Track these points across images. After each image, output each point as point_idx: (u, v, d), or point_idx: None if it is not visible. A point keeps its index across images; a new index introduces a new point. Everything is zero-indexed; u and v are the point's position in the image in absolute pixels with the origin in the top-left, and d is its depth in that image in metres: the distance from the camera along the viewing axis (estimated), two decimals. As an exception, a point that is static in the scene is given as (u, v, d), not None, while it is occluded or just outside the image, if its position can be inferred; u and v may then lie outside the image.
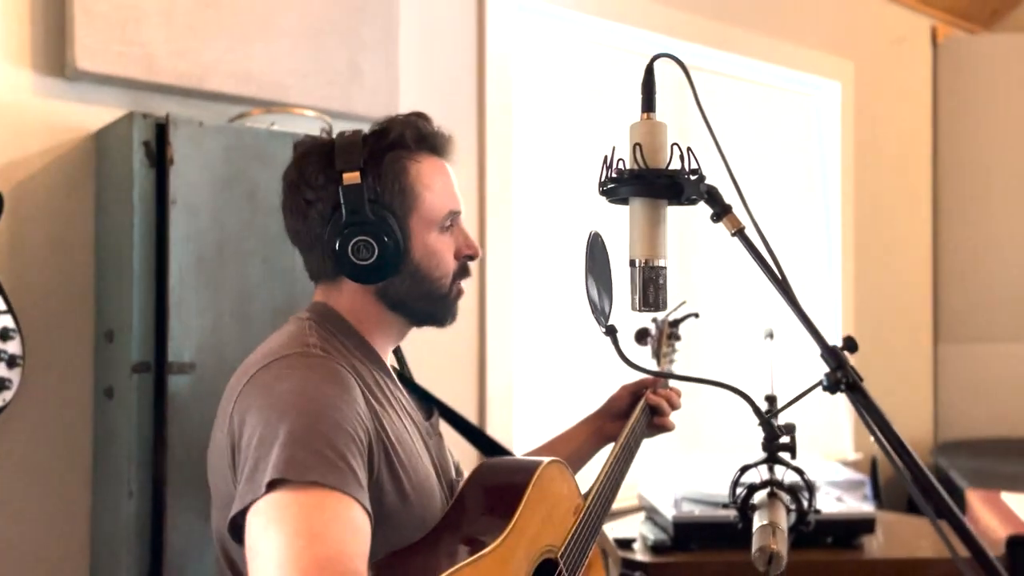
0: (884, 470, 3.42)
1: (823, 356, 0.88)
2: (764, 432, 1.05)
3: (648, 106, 0.99)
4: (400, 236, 1.12)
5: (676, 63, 0.98)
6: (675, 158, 0.97)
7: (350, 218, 1.10)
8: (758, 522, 1.12)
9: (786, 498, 1.19)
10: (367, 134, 1.16)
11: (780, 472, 1.19)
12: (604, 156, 0.97)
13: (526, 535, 1.08)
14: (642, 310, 0.96)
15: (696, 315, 1.69)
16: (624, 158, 0.97)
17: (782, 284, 0.92)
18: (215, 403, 1.13)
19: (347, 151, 1.12)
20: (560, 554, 1.15)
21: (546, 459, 1.19)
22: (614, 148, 0.97)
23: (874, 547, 2.03)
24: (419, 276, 1.16)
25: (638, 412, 1.46)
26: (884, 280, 3.63)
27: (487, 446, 1.49)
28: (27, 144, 1.62)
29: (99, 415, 1.66)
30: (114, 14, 1.63)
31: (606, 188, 0.98)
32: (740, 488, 1.20)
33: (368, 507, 0.95)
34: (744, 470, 1.20)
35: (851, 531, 2.01)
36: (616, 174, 0.96)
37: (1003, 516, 2.44)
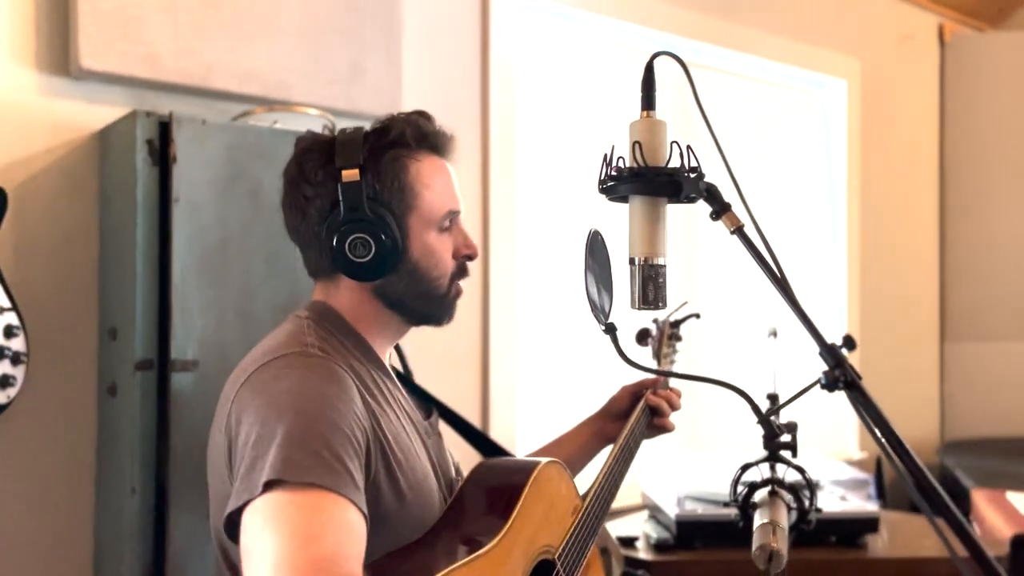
0: (889, 469, 3.41)
1: (821, 354, 0.88)
2: (763, 430, 1.05)
3: (648, 104, 0.99)
4: (398, 234, 1.12)
5: (676, 61, 0.98)
6: (675, 156, 0.97)
7: (348, 215, 1.10)
8: (759, 520, 1.12)
9: (787, 496, 1.19)
10: (368, 132, 1.15)
11: (782, 471, 1.19)
12: (604, 154, 0.97)
13: (523, 535, 1.08)
14: (641, 308, 0.96)
15: (697, 316, 1.68)
16: (624, 156, 0.97)
17: (781, 282, 0.92)
18: (218, 401, 1.13)
19: (347, 148, 1.12)
20: (558, 554, 1.15)
21: (544, 460, 1.19)
22: (613, 146, 0.97)
23: (878, 546, 2.03)
24: (417, 275, 1.15)
25: (638, 413, 1.46)
26: (890, 278, 3.62)
27: (486, 446, 1.49)
28: (32, 142, 1.63)
29: (102, 412, 1.66)
30: (118, 13, 1.64)
31: (606, 186, 0.98)
32: (741, 486, 1.20)
33: (364, 509, 0.94)
34: (745, 468, 1.20)
35: (854, 530, 2.00)
36: (615, 172, 0.96)
37: (1008, 516, 2.43)
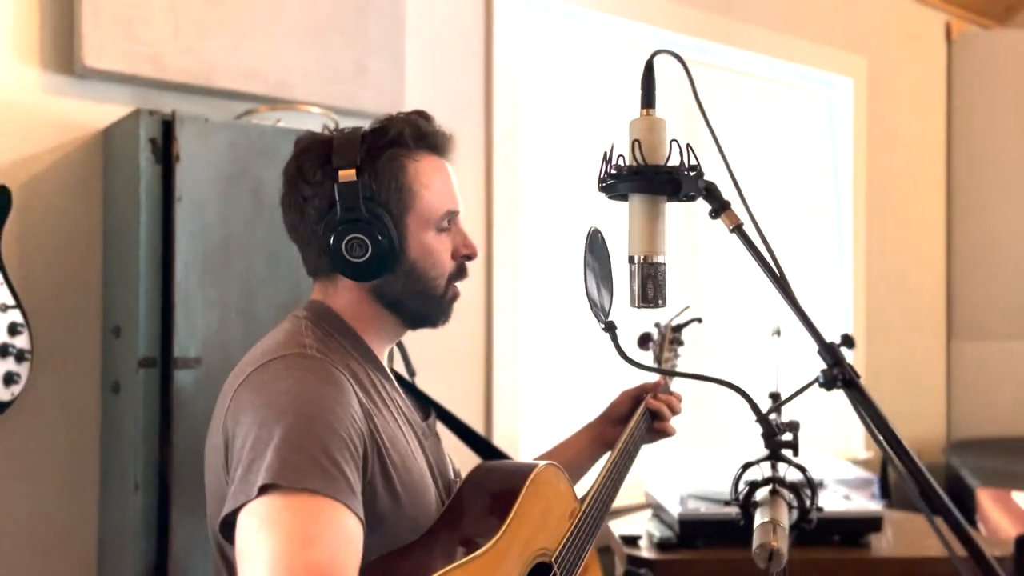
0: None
1: (820, 353, 0.88)
2: (762, 429, 1.04)
3: (648, 102, 0.99)
4: (395, 234, 1.12)
5: (675, 59, 0.98)
6: (674, 154, 0.96)
7: (345, 215, 1.10)
8: (759, 519, 1.12)
9: (788, 495, 1.18)
10: (366, 131, 1.15)
11: (784, 469, 1.19)
12: (604, 152, 0.97)
13: (519, 538, 1.07)
14: (640, 306, 0.96)
15: (699, 320, 1.68)
16: (624, 154, 0.96)
17: (779, 280, 0.92)
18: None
19: (345, 148, 1.11)
20: (554, 557, 1.15)
21: (542, 463, 1.18)
22: (613, 145, 0.97)
23: (882, 546, 2.02)
24: (414, 275, 1.15)
25: (637, 416, 1.46)
26: (897, 277, 3.60)
27: (484, 449, 1.49)
28: (36, 141, 1.64)
29: (106, 410, 1.67)
30: (122, 12, 1.64)
31: (605, 184, 0.97)
32: (743, 485, 1.19)
33: (360, 514, 0.94)
34: (746, 467, 1.20)
35: (858, 529, 2.00)
36: (615, 170, 0.96)
37: (1013, 515, 2.42)
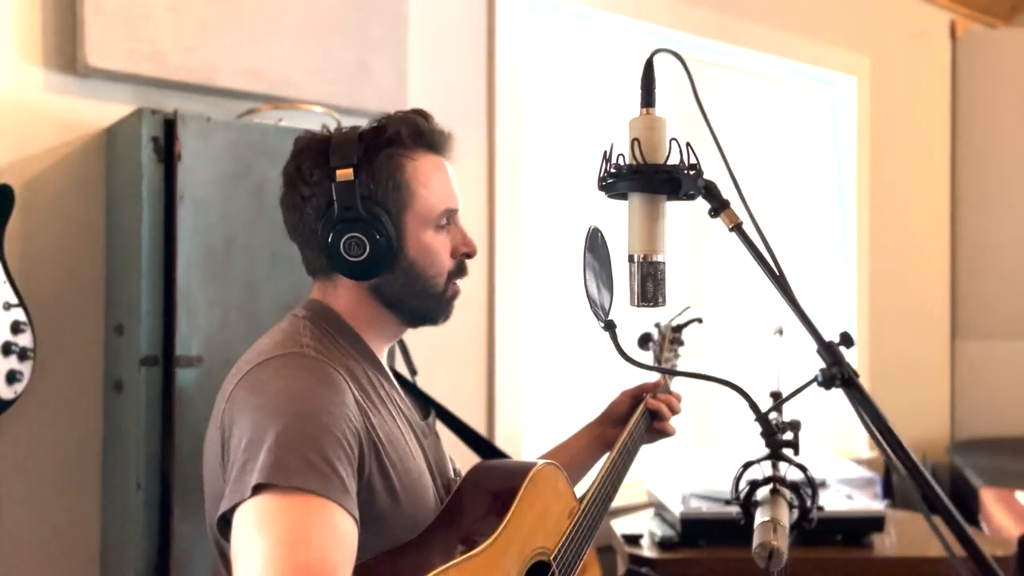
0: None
1: (819, 351, 0.87)
2: (761, 428, 1.04)
3: (647, 101, 0.98)
4: (393, 233, 1.12)
5: (675, 57, 0.98)
6: (674, 153, 0.96)
7: (342, 214, 1.10)
8: (760, 518, 1.11)
9: (789, 494, 1.18)
10: (363, 131, 1.15)
11: (785, 469, 1.19)
12: (603, 151, 0.97)
13: (518, 537, 1.07)
14: (640, 305, 0.96)
15: (700, 320, 1.67)
16: (624, 153, 0.96)
17: (778, 279, 0.91)
18: (219, 397, 1.14)
19: (342, 147, 1.11)
20: (553, 556, 1.15)
21: (541, 462, 1.18)
22: (612, 144, 0.97)
23: (885, 545, 2.02)
24: (413, 274, 1.15)
25: (637, 416, 1.46)
26: (901, 276, 3.60)
27: (484, 448, 1.49)
28: (38, 140, 1.64)
29: (108, 408, 1.67)
30: (124, 11, 1.65)
31: (605, 183, 0.97)
32: (743, 484, 1.19)
33: (355, 513, 0.94)
34: (747, 466, 1.20)
35: (860, 529, 2.00)
36: (615, 169, 0.96)
37: (1017, 515, 2.42)
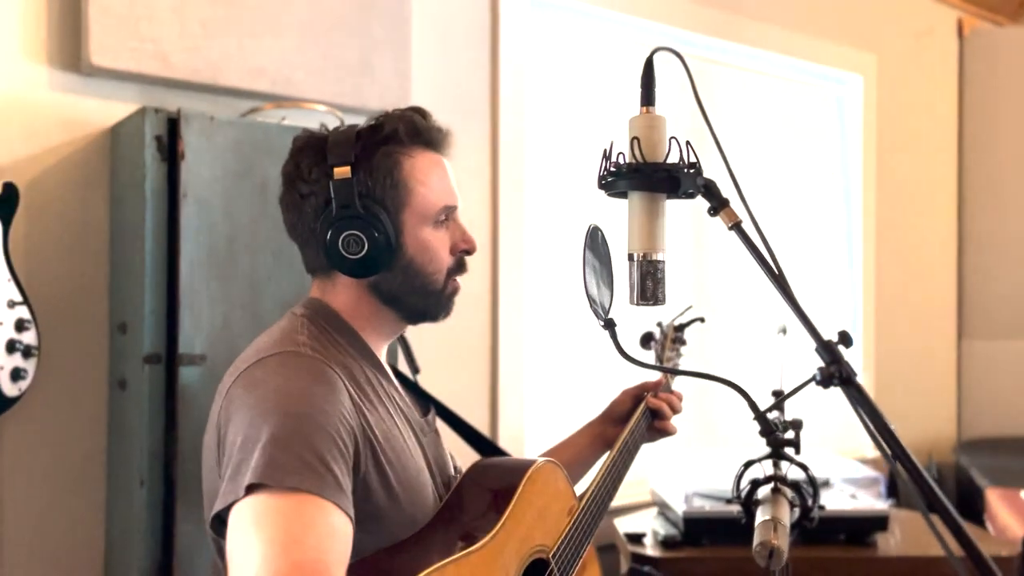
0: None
1: (817, 350, 0.87)
2: (760, 427, 1.04)
3: (647, 100, 0.98)
4: (391, 230, 1.12)
5: (675, 56, 0.98)
6: (674, 152, 0.96)
7: (340, 212, 1.10)
8: (760, 517, 1.11)
9: (790, 493, 1.18)
10: (361, 129, 1.15)
11: (787, 468, 1.18)
12: (604, 150, 0.97)
13: (516, 534, 1.07)
14: (639, 304, 0.96)
15: (702, 320, 1.67)
16: (624, 152, 0.96)
17: (778, 278, 0.91)
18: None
19: (340, 145, 1.12)
20: (552, 554, 1.14)
21: (540, 459, 1.18)
22: (612, 142, 0.97)
23: (889, 544, 2.02)
24: (412, 271, 1.15)
25: (638, 415, 1.46)
26: (907, 275, 3.59)
27: (484, 446, 1.49)
28: (43, 138, 1.65)
29: (112, 405, 1.68)
30: (128, 11, 1.65)
31: (605, 182, 0.97)
32: (745, 483, 1.19)
33: (349, 511, 0.94)
34: (748, 465, 1.20)
35: (864, 528, 2.00)
36: (614, 168, 0.96)
37: (1022, 515, 2.41)
